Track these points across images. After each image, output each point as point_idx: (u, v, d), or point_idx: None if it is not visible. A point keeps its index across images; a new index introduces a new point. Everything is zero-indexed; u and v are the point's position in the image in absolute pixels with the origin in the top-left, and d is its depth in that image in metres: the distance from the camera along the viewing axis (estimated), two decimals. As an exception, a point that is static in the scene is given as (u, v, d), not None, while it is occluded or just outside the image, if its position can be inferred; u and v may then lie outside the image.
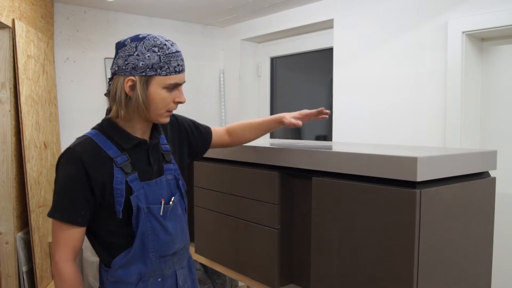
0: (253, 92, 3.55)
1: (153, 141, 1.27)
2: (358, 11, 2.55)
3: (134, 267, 1.22)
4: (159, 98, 1.18)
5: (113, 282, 1.23)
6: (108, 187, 1.16)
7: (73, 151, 1.15)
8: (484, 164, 1.40)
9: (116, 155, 1.18)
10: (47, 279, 2.39)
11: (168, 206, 1.25)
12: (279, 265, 1.59)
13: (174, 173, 1.31)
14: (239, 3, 2.84)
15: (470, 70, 2.14)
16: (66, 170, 1.15)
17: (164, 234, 1.24)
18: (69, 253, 1.16)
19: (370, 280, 1.24)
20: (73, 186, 1.14)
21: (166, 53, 1.16)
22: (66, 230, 1.15)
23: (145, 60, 1.15)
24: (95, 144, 1.18)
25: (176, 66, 1.18)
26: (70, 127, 2.91)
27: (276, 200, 1.58)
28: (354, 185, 1.28)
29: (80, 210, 1.15)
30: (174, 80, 1.18)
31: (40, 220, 2.35)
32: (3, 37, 2.16)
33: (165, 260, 1.26)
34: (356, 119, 2.58)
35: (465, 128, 2.13)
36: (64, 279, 1.15)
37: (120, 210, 1.17)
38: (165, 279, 1.27)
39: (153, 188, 1.23)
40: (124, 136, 1.21)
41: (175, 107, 1.23)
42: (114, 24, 3.07)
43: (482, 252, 1.42)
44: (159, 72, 1.15)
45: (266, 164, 1.62)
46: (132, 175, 1.19)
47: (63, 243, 1.15)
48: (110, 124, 1.22)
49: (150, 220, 1.21)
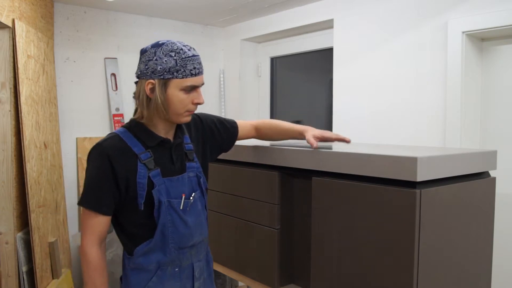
0: (253, 92, 3.55)
1: (176, 141, 1.36)
2: (358, 11, 2.55)
3: (154, 256, 1.31)
4: (177, 100, 1.26)
5: (134, 269, 1.33)
6: (132, 181, 1.26)
7: (101, 147, 1.26)
8: (484, 164, 1.40)
9: (140, 151, 1.28)
10: (47, 279, 2.39)
11: (188, 201, 1.34)
12: (279, 265, 1.59)
13: (196, 171, 1.39)
14: (239, 3, 2.84)
15: (470, 70, 2.14)
16: (94, 163, 1.26)
17: (183, 227, 1.32)
18: (94, 239, 1.27)
19: (370, 280, 1.24)
20: (99, 179, 1.25)
21: (182, 57, 1.24)
22: (92, 217, 1.26)
23: (163, 64, 1.23)
24: (122, 141, 1.28)
25: (192, 69, 1.25)
26: (70, 127, 2.91)
27: (276, 200, 1.58)
28: (354, 185, 1.28)
29: (105, 200, 1.26)
30: (190, 83, 1.26)
31: (40, 220, 2.35)
32: (3, 37, 2.16)
33: (183, 251, 1.34)
34: (356, 119, 2.58)
35: (465, 128, 2.13)
36: (89, 261, 1.26)
37: (142, 203, 1.27)
38: (182, 269, 1.35)
39: (175, 184, 1.32)
40: (148, 135, 1.31)
41: (194, 108, 1.31)
42: (114, 24, 3.07)
43: (482, 252, 1.42)
44: (176, 75, 1.24)
45: (266, 164, 1.62)
46: (155, 171, 1.29)
47: (89, 229, 1.27)
48: (136, 123, 1.32)
49: (170, 213, 1.30)
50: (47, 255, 2.42)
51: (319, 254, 1.40)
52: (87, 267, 1.27)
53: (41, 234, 2.34)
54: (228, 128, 1.54)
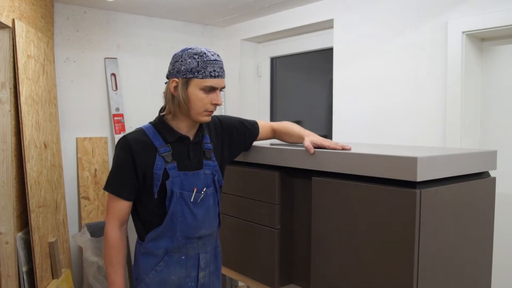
0: (253, 92, 3.55)
1: (196, 139, 1.48)
2: (358, 11, 2.55)
3: (162, 242, 1.43)
4: (196, 98, 1.38)
5: (144, 253, 1.45)
6: (149, 171, 1.39)
7: (126, 139, 1.40)
8: (484, 164, 1.40)
9: (160, 145, 1.41)
10: (47, 279, 2.39)
11: (199, 194, 1.44)
12: (279, 265, 1.59)
13: (212, 169, 1.50)
14: (239, 3, 2.84)
15: (470, 70, 2.14)
16: (119, 154, 1.41)
17: (192, 218, 1.42)
18: (115, 220, 1.42)
19: (370, 280, 1.24)
20: (122, 167, 1.40)
21: (204, 60, 1.37)
22: (115, 201, 1.41)
23: (186, 65, 1.37)
24: (145, 135, 1.42)
25: (212, 71, 1.37)
26: (70, 127, 2.91)
27: (276, 200, 1.58)
28: (354, 185, 1.28)
29: (126, 187, 1.39)
30: (209, 83, 1.37)
31: (40, 220, 2.35)
32: (3, 37, 2.16)
33: (191, 241, 1.44)
34: (356, 119, 2.58)
35: (465, 128, 2.13)
36: (108, 240, 1.42)
37: (156, 192, 1.39)
38: (188, 258, 1.45)
39: (190, 178, 1.43)
40: (169, 131, 1.43)
41: (212, 108, 1.41)
42: (114, 24, 3.07)
43: (482, 252, 1.42)
44: (196, 75, 1.36)
45: (266, 164, 1.62)
46: (172, 164, 1.41)
47: (111, 212, 1.42)
48: (161, 120, 1.45)
49: (181, 203, 1.41)
50: (47, 255, 2.42)
51: (319, 254, 1.40)
52: (106, 246, 1.41)
53: (41, 234, 2.34)
54: (249, 128, 1.64)
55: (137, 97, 3.14)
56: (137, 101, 3.15)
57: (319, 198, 1.39)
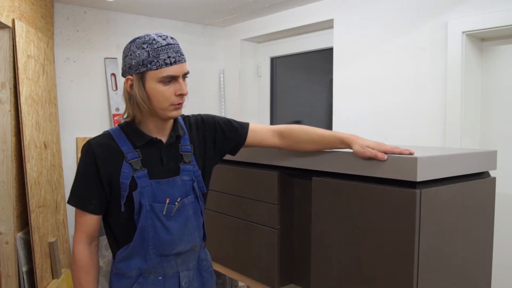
0: (253, 92, 3.55)
1: (169, 141, 1.29)
2: (358, 11, 2.55)
3: (134, 262, 1.25)
4: (157, 93, 1.19)
5: (116, 274, 1.28)
6: (115, 180, 1.21)
7: (89, 144, 1.23)
8: (484, 164, 1.40)
9: (128, 151, 1.23)
10: (47, 279, 2.39)
11: (172, 206, 1.26)
12: (279, 265, 1.59)
13: (191, 174, 1.31)
14: (239, 3, 2.84)
15: (470, 70, 2.14)
16: (81, 160, 1.24)
17: (165, 233, 1.25)
18: (82, 237, 1.24)
19: (370, 280, 1.24)
20: (85, 176, 1.22)
21: (155, 47, 1.18)
22: (81, 216, 1.24)
23: (136, 58, 1.19)
24: (111, 139, 1.24)
25: (166, 58, 1.18)
26: (70, 127, 2.91)
27: (276, 200, 1.57)
28: (354, 185, 1.27)
29: (92, 198, 1.22)
30: (167, 73, 1.18)
31: (40, 220, 2.35)
32: (3, 37, 2.16)
33: (167, 259, 1.27)
34: (356, 119, 2.58)
35: (465, 128, 2.13)
36: (75, 259, 1.24)
37: (123, 204, 1.22)
38: (166, 278, 1.28)
39: (163, 187, 1.25)
40: (137, 134, 1.25)
41: (178, 100, 1.22)
42: (114, 24, 3.07)
43: (482, 252, 1.42)
44: (150, 67, 1.18)
45: (266, 164, 1.62)
46: (141, 172, 1.23)
47: (78, 227, 1.25)
48: (127, 123, 1.27)
49: (151, 217, 1.23)
50: (47, 255, 2.42)
51: (319, 254, 1.40)
52: (74, 266, 1.25)
53: (41, 234, 2.34)
54: (236, 128, 1.41)
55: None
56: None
57: (319, 198, 1.39)
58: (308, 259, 1.50)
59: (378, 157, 1.17)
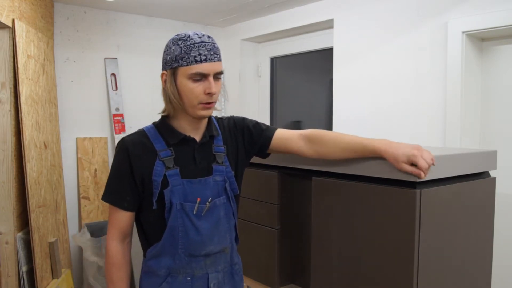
0: (253, 92, 3.55)
1: (202, 140, 1.29)
2: (358, 11, 2.55)
3: (164, 260, 1.26)
4: (186, 89, 1.20)
5: (146, 272, 1.29)
6: (147, 178, 1.22)
7: (123, 142, 1.25)
8: (484, 164, 1.40)
9: (161, 149, 1.24)
10: (47, 279, 2.39)
11: (203, 206, 1.25)
12: (279, 265, 1.59)
13: (224, 175, 1.30)
14: (239, 3, 2.84)
15: (470, 70, 2.14)
16: (116, 158, 1.25)
17: (194, 233, 1.24)
18: (115, 233, 1.26)
19: (370, 280, 1.24)
20: (119, 173, 1.24)
21: (187, 44, 1.19)
22: (114, 212, 1.25)
23: (171, 54, 1.21)
24: (145, 137, 1.26)
25: (197, 55, 1.18)
26: (70, 127, 2.91)
27: (276, 200, 1.58)
28: (354, 185, 1.27)
29: (126, 195, 1.23)
30: (196, 70, 1.18)
31: (40, 220, 2.35)
32: (3, 37, 2.16)
33: (197, 260, 1.26)
34: (356, 119, 2.58)
35: (465, 128, 2.13)
36: (108, 255, 1.26)
37: (154, 202, 1.22)
38: (195, 279, 1.27)
39: (195, 186, 1.25)
40: (170, 132, 1.27)
41: (207, 98, 1.20)
42: (114, 24, 3.07)
43: (482, 252, 1.42)
44: (181, 63, 1.19)
45: (266, 164, 1.62)
46: (173, 170, 1.23)
47: (111, 224, 1.26)
48: (162, 120, 1.29)
49: (182, 216, 1.23)
50: (47, 255, 2.42)
51: (319, 254, 1.40)
52: (106, 262, 1.26)
53: (41, 234, 2.34)
54: (263, 129, 1.38)
55: (137, 97, 3.14)
56: (137, 101, 3.14)
57: (319, 198, 1.39)
58: (308, 259, 1.50)
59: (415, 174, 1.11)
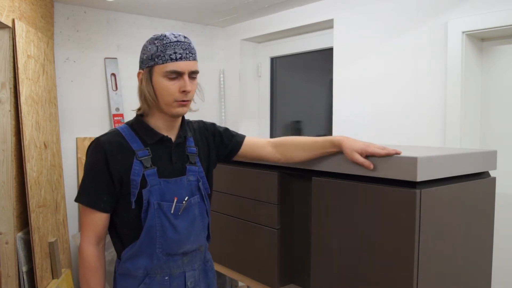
0: (253, 92, 3.55)
1: (178, 140, 1.31)
2: (358, 11, 2.55)
3: (141, 261, 1.25)
4: (162, 87, 1.22)
5: (122, 274, 1.28)
6: (126, 177, 1.22)
7: (98, 141, 1.24)
8: (484, 164, 1.40)
9: (138, 148, 1.25)
10: (47, 279, 2.39)
11: (180, 205, 1.27)
12: (279, 265, 1.59)
13: (197, 175, 1.33)
14: (239, 3, 2.84)
15: (470, 70, 2.14)
16: (91, 158, 1.24)
17: (172, 232, 1.25)
18: (91, 236, 1.23)
19: (370, 280, 1.24)
20: (96, 173, 1.22)
21: (163, 43, 1.22)
22: (89, 214, 1.23)
23: (147, 53, 1.23)
24: (121, 137, 1.25)
25: (172, 54, 1.20)
26: (70, 127, 2.91)
27: (276, 200, 1.58)
28: (354, 185, 1.27)
29: (103, 196, 1.22)
30: (171, 68, 1.20)
31: (40, 220, 2.35)
32: (3, 37, 2.16)
33: (174, 259, 1.28)
34: (356, 119, 2.58)
35: (465, 128, 2.13)
36: (84, 260, 1.22)
37: (133, 201, 1.22)
38: (172, 278, 1.28)
39: (171, 186, 1.26)
40: (148, 132, 1.27)
41: (182, 96, 1.23)
42: (114, 24, 3.07)
43: (482, 252, 1.42)
44: (157, 61, 1.21)
45: (266, 164, 1.62)
46: (151, 170, 1.24)
47: (86, 227, 1.23)
48: (138, 120, 1.30)
49: (159, 216, 1.24)
50: (47, 255, 2.42)
51: (319, 254, 1.40)
52: (82, 267, 1.23)
53: (41, 234, 2.34)
54: (233, 135, 1.45)
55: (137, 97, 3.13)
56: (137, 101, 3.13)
57: (319, 198, 1.39)
58: (308, 259, 1.50)
59: (365, 165, 1.22)
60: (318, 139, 1.35)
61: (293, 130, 3.42)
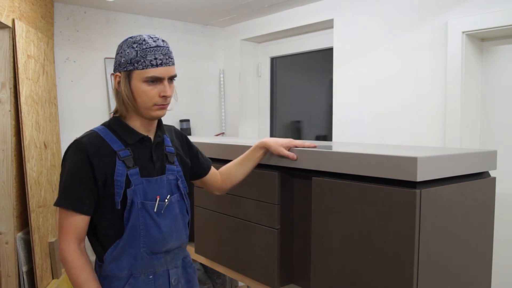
0: (253, 92, 3.55)
1: (157, 139, 1.33)
2: (358, 11, 2.55)
3: (125, 261, 1.24)
4: (141, 92, 1.22)
5: (105, 276, 1.26)
6: (110, 178, 1.21)
7: (79, 143, 1.22)
8: (484, 164, 1.40)
9: (120, 149, 1.24)
10: (47, 279, 2.39)
11: (163, 203, 1.28)
12: (279, 265, 1.59)
13: (176, 174, 1.35)
14: (239, 3, 2.84)
15: (470, 70, 2.14)
16: (72, 160, 1.21)
17: (156, 231, 1.26)
18: (72, 239, 1.20)
19: (370, 280, 1.24)
20: (78, 175, 1.19)
21: (143, 47, 1.21)
22: (70, 217, 1.20)
23: (125, 56, 1.22)
24: (100, 138, 1.24)
25: (153, 59, 1.21)
26: (70, 127, 2.91)
27: (276, 200, 1.57)
28: (354, 185, 1.27)
29: (85, 199, 1.20)
30: (151, 74, 1.21)
31: (40, 220, 2.35)
32: (3, 37, 2.16)
33: (157, 257, 1.29)
34: (356, 119, 2.58)
35: (465, 128, 2.13)
36: (68, 261, 1.19)
37: (119, 201, 1.22)
38: (156, 277, 1.29)
39: (153, 185, 1.28)
40: (128, 132, 1.27)
41: (161, 101, 1.24)
42: (114, 24, 3.07)
43: (482, 252, 1.42)
44: (136, 66, 1.21)
45: (266, 164, 1.62)
46: (133, 170, 1.25)
47: (66, 230, 1.20)
48: (116, 120, 1.29)
49: (143, 215, 1.24)
50: (47, 255, 2.42)
51: (319, 254, 1.40)
52: (68, 268, 1.20)
53: (41, 234, 2.34)
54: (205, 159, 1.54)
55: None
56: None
57: (319, 198, 1.39)
58: (308, 259, 1.50)
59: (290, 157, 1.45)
60: (245, 153, 1.53)
61: (293, 130, 3.42)
